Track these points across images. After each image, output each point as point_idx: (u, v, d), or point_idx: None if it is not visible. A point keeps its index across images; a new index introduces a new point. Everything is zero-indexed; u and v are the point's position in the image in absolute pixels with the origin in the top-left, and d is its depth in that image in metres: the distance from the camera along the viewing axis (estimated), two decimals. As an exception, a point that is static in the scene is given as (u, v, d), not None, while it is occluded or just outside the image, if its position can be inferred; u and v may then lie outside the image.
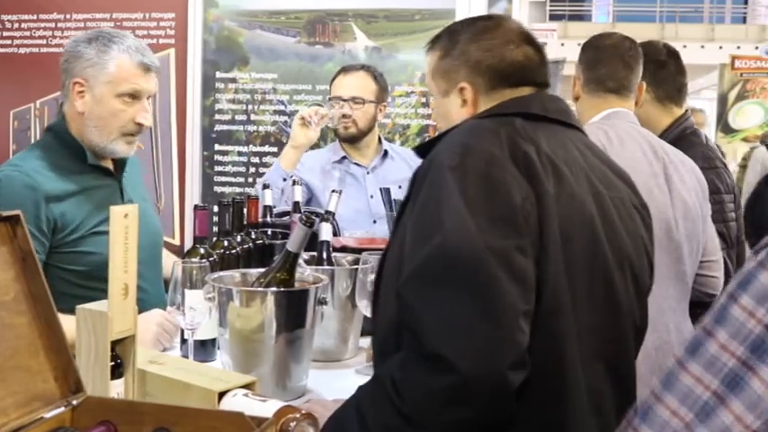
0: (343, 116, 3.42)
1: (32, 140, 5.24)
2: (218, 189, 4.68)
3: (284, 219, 2.67)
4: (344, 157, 3.50)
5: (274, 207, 2.77)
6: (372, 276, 1.92)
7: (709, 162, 2.86)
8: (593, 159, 1.66)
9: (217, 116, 4.64)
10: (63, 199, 2.39)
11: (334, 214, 2.42)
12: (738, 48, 12.43)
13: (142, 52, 2.47)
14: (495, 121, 1.56)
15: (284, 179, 3.25)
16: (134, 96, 2.46)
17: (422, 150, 1.65)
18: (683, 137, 2.95)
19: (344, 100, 3.41)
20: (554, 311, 1.44)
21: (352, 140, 3.47)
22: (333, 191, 2.44)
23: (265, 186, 2.81)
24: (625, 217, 1.65)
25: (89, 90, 2.45)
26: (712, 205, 2.67)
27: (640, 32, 7.83)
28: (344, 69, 3.54)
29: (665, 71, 3.04)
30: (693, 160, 2.61)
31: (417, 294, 1.38)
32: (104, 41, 2.46)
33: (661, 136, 2.78)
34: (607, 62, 2.63)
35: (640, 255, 1.67)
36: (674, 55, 3.09)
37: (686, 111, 3.11)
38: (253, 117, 4.66)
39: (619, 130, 2.50)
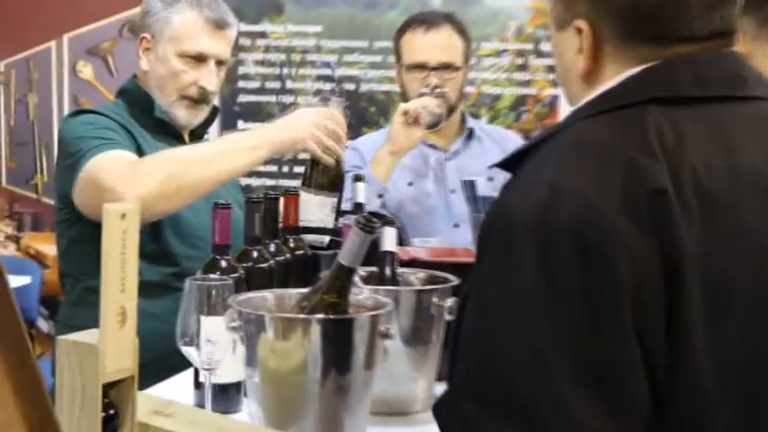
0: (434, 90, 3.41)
1: (-5, 116, 5.33)
2: (242, 181, 4.71)
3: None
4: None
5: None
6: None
7: None
8: None
9: (240, 83, 4.69)
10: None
11: (387, 216, 2.41)
12: None
13: (213, 7, 2.81)
14: (612, 123, 1.41)
15: (380, 195, 3.24)
16: (199, 59, 2.80)
17: (509, 164, 1.53)
18: None
19: (432, 69, 3.39)
20: None
21: (437, 124, 3.44)
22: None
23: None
24: None
25: (154, 47, 2.82)
26: None
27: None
28: (422, 21, 3.52)
29: None
30: None
31: (454, 421, 1.36)
32: None
33: None
34: None
35: None
36: None
37: None
38: (289, 84, 4.70)
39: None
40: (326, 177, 2.66)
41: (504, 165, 1.53)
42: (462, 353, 1.39)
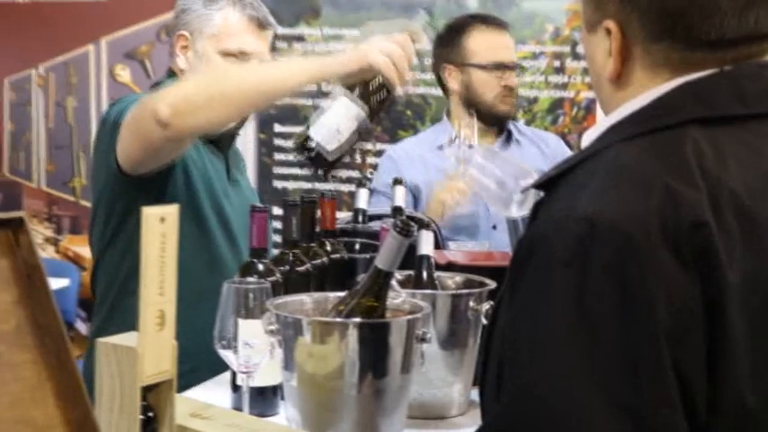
0: (508, 89, 3.46)
1: (34, 118, 5.36)
2: (278, 184, 4.73)
3: (372, 225, 2.66)
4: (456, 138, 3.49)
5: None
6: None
7: None
8: None
9: (278, 86, 4.69)
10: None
11: (424, 220, 2.41)
12: None
13: (255, 7, 2.79)
14: (651, 149, 1.36)
15: None
16: (241, 57, 2.75)
17: (546, 185, 1.48)
18: None
19: (511, 68, 3.46)
20: None
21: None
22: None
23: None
24: None
25: (192, 45, 2.77)
26: None
27: None
28: (490, 21, 3.60)
29: None
30: None
31: None
32: None
33: None
34: None
35: None
36: None
37: None
38: (325, 87, 4.69)
39: None
40: (373, 97, 2.44)
41: (544, 185, 1.48)
42: (500, 386, 1.37)
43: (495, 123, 3.55)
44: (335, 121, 2.27)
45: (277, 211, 3.15)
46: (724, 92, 1.39)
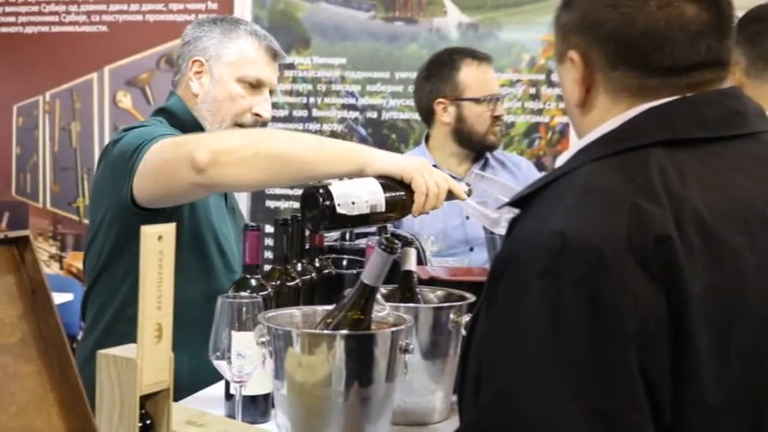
0: (497, 118, 3.50)
1: (41, 141, 5.36)
2: (270, 204, 4.72)
3: (358, 243, 2.66)
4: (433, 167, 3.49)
5: None
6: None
7: None
8: None
9: (270, 112, 4.69)
10: None
11: (408, 237, 2.40)
12: None
13: (270, 38, 2.75)
14: (618, 169, 1.38)
15: None
16: (256, 86, 2.70)
17: (520, 203, 1.50)
18: None
19: (499, 98, 3.53)
20: None
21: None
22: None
23: None
24: None
25: (208, 71, 2.71)
26: None
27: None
28: (479, 57, 3.65)
29: None
30: None
31: None
32: (231, 21, 2.77)
33: None
34: None
35: None
36: None
37: None
38: (315, 113, 4.71)
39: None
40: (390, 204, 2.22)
41: (516, 203, 1.50)
42: (477, 393, 1.37)
43: (483, 152, 3.57)
44: (356, 194, 2.17)
45: (269, 229, 3.15)
46: (685, 117, 1.42)
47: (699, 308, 1.28)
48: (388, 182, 2.18)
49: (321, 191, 2.08)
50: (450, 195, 2.25)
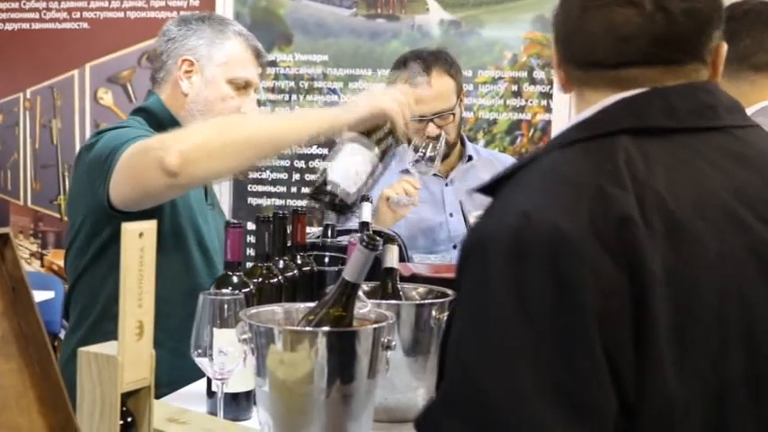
0: (430, 139, 3.32)
1: (21, 139, 5.34)
2: (253, 201, 4.71)
3: (340, 240, 2.66)
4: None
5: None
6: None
7: None
8: (759, 186, 1.44)
9: (252, 109, 4.69)
10: None
11: (390, 234, 2.41)
12: None
13: (253, 38, 2.76)
14: (585, 153, 1.42)
15: None
16: (244, 86, 2.71)
17: (488, 190, 1.52)
18: None
19: (429, 119, 3.29)
20: None
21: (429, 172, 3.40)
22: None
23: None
24: None
25: (199, 70, 2.69)
26: None
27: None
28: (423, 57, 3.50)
29: None
30: None
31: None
32: (219, 21, 2.76)
33: None
34: (751, 30, 2.52)
35: None
36: None
37: None
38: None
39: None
40: (380, 143, 2.33)
41: (486, 189, 1.53)
42: (446, 369, 1.40)
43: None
44: (353, 165, 2.19)
45: (251, 226, 3.15)
46: (655, 107, 1.45)
47: (659, 289, 1.30)
48: (361, 126, 2.31)
49: (323, 189, 2.14)
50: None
